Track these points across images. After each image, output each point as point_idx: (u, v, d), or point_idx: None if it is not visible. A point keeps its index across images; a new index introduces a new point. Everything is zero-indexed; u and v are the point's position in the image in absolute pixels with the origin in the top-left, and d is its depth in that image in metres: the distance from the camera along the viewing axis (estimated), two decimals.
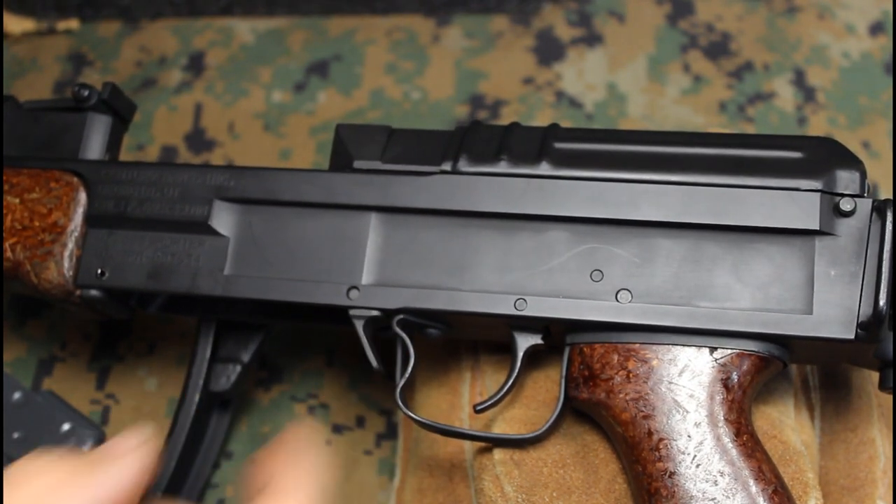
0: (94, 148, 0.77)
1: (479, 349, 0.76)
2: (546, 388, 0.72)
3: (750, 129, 0.96)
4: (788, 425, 0.70)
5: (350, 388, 0.85)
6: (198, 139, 0.99)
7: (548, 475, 0.68)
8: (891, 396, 0.74)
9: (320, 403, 0.85)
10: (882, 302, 0.61)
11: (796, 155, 0.66)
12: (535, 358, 0.72)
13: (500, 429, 0.71)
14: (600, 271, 0.66)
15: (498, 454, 0.70)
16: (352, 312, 0.69)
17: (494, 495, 0.68)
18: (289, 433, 0.58)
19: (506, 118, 0.97)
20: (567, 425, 0.70)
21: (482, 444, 0.71)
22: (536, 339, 0.68)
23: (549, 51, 1.02)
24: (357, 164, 0.72)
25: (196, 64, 1.03)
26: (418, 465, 0.75)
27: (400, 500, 0.75)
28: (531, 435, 0.67)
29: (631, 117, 0.97)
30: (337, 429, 0.84)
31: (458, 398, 0.75)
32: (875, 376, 0.74)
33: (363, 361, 0.85)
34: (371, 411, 0.85)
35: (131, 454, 0.55)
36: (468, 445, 0.73)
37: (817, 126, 0.95)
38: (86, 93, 0.77)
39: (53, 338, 0.90)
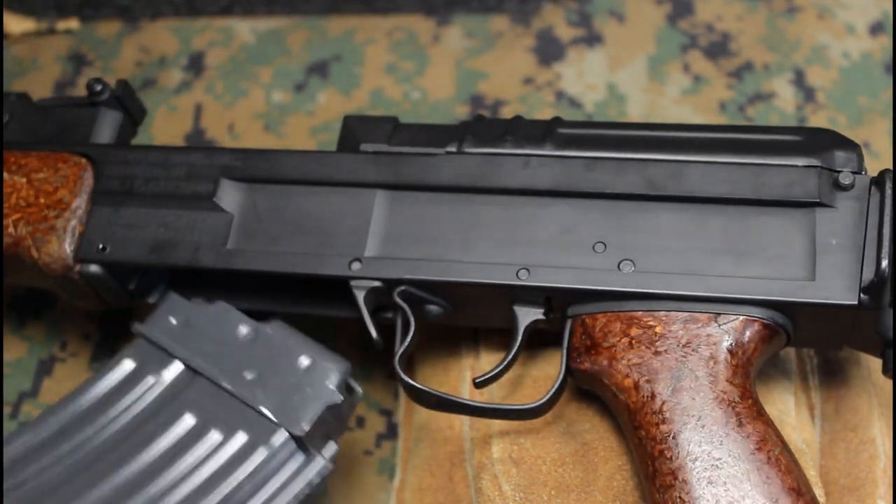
0: (104, 141, 0.79)
1: (480, 348, 0.76)
2: (546, 387, 0.72)
3: None
4: (789, 424, 0.70)
5: None
6: (198, 139, 0.99)
7: (546, 473, 0.68)
8: (891, 397, 0.74)
9: None
10: (884, 263, 0.62)
11: (795, 138, 0.68)
12: (534, 340, 0.72)
13: (499, 427, 0.71)
14: (603, 243, 0.67)
15: (497, 453, 0.70)
16: (353, 283, 0.69)
17: (493, 494, 0.68)
18: None
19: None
20: (567, 424, 0.70)
21: (481, 442, 0.71)
22: (538, 314, 0.68)
23: (549, 51, 1.02)
24: (364, 147, 0.73)
25: (196, 64, 1.03)
26: (418, 465, 0.75)
27: (400, 500, 0.75)
28: (531, 405, 0.67)
29: (631, 117, 0.97)
30: None
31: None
32: (875, 373, 0.74)
33: (363, 361, 0.86)
34: (371, 411, 0.84)
35: None
36: (468, 445, 0.73)
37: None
38: (99, 87, 0.78)
39: (53, 338, 0.90)
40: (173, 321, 0.73)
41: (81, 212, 0.74)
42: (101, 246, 0.73)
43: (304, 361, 0.70)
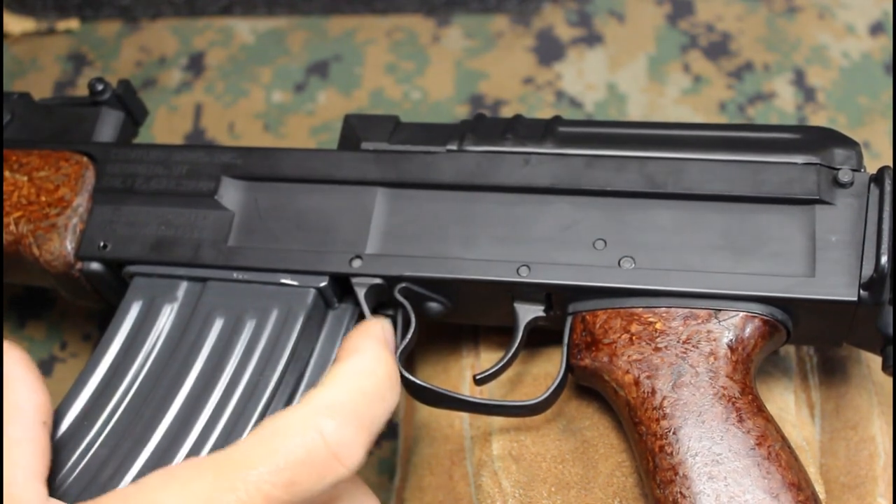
0: (105, 140, 0.79)
1: (480, 347, 0.76)
2: (546, 385, 0.72)
3: None
4: (789, 421, 0.70)
5: None
6: (198, 139, 0.99)
7: (546, 470, 0.68)
8: (891, 395, 0.74)
9: None
10: (884, 259, 0.62)
11: (794, 136, 0.68)
12: (534, 338, 0.72)
13: (499, 424, 0.71)
14: (603, 240, 0.67)
15: (497, 449, 0.70)
16: (354, 280, 0.69)
17: (492, 491, 0.68)
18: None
19: None
20: (567, 421, 0.70)
21: (481, 439, 0.71)
22: (538, 311, 0.69)
23: (549, 51, 1.02)
24: (364, 145, 0.73)
25: (196, 64, 1.03)
26: (418, 464, 0.75)
27: (400, 499, 0.75)
28: (531, 402, 0.67)
29: (631, 117, 0.97)
30: None
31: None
32: (875, 371, 0.74)
33: None
34: None
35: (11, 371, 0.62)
36: (468, 442, 0.73)
37: None
38: (100, 87, 0.79)
39: (53, 338, 0.90)
40: None
41: (83, 210, 0.75)
42: (102, 244, 0.73)
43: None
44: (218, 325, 0.69)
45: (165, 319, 0.71)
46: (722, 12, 1.03)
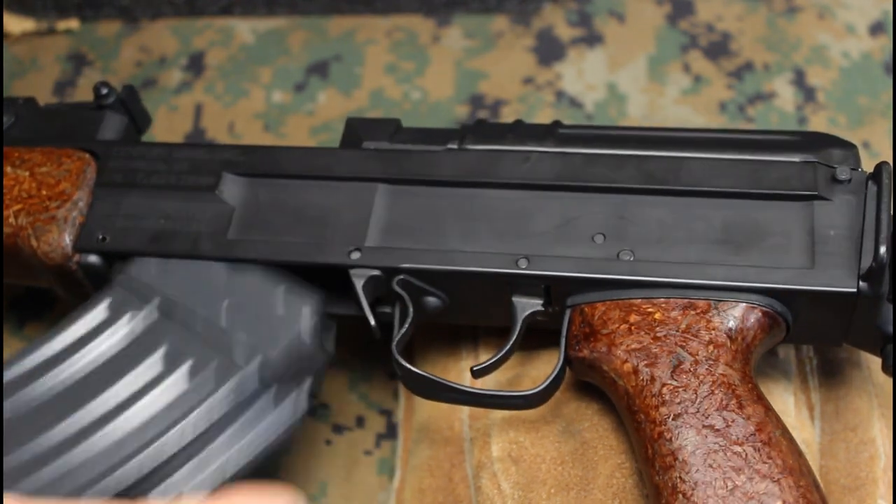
0: None
1: (479, 349, 0.76)
2: None
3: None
4: (789, 423, 0.70)
5: (350, 388, 0.85)
6: (198, 139, 0.99)
7: (546, 472, 0.68)
8: (891, 397, 0.74)
9: (320, 403, 0.85)
10: (882, 249, 0.62)
11: (793, 138, 0.69)
12: (533, 342, 0.72)
13: (499, 426, 0.71)
14: (602, 234, 0.68)
15: (496, 451, 0.70)
16: (352, 272, 0.69)
17: (492, 493, 0.68)
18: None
19: (506, 118, 0.97)
20: (566, 423, 0.70)
21: (481, 441, 0.71)
22: (536, 305, 0.69)
23: (549, 51, 1.02)
24: (366, 144, 0.74)
25: (196, 64, 1.03)
26: (418, 466, 0.75)
27: (400, 500, 0.75)
28: (528, 392, 0.67)
29: (631, 117, 0.97)
30: (337, 429, 0.84)
31: None
32: (875, 373, 0.74)
33: (364, 361, 0.86)
34: (371, 411, 0.84)
35: None
36: (467, 445, 0.73)
37: (817, 126, 0.95)
38: (105, 90, 0.79)
39: None
40: (151, 268, 0.72)
41: (83, 204, 0.75)
42: (100, 236, 0.74)
43: (279, 302, 0.69)
44: (156, 357, 0.68)
45: (116, 332, 0.70)
46: (722, 12, 1.03)
